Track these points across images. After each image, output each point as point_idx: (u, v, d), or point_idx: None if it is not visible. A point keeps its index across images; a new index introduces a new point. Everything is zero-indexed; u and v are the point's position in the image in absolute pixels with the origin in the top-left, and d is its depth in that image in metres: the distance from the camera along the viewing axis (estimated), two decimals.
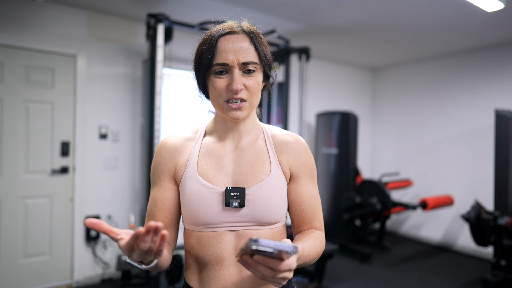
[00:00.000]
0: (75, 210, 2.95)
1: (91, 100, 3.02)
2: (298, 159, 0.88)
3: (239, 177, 0.83)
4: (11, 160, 2.71)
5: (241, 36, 0.80)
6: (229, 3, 2.81)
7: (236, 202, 0.79)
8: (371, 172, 5.21)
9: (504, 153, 3.02)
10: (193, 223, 0.82)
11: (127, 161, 3.20)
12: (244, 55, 0.78)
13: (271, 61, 0.86)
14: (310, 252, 0.78)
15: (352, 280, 3.18)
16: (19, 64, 2.73)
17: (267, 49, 0.85)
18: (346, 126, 4.04)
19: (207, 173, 0.83)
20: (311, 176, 0.90)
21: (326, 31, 3.50)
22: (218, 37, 0.79)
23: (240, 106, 0.80)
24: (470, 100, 4.09)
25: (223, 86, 0.79)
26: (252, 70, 0.80)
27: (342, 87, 4.93)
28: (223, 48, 0.78)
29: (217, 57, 0.78)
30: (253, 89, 0.80)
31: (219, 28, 0.81)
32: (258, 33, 0.83)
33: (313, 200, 0.89)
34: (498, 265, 2.88)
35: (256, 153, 0.86)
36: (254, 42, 0.81)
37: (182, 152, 0.87)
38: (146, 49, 3.14)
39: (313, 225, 0.89)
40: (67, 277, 2.94)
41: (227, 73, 0.79)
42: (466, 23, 3.21)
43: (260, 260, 0.61)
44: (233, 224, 0.81)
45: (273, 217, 0.82)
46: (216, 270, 0.81)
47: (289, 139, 0.89)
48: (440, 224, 4.30)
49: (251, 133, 0.89)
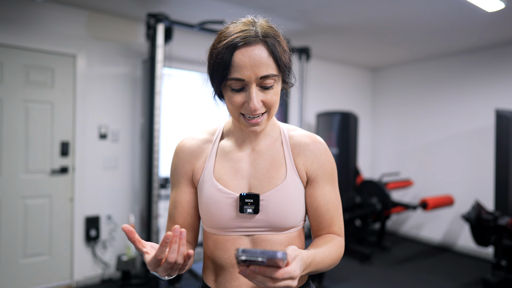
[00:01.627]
0: (74, 210, 2.95)
1: (91, 100, 3.02)
2: (315, 162, 0.85)
3: (254, 182, 0.83)
4: (11, 160, 2.71)
5: (258, 46, 0.73)
6: (229, 3, 2.81)
7: (250, 209, 0.79)
8: (371, 172, 5.21)
9: (504, 153, 3.02)
10: (210, 226, 0.84)
11: (127, 161, 3.20)
12: (262, 69, 0.73)
13: (290, 66, 0.81)
14: (323, 258, 0.75)
15: (352, 280, 3.17)
16: (19, 64, 2.73)
17: (286, 54, 0.78)
18: (346, 126, 4.04)
19: (223, 178, 0.83)
20: (330, 179, 0.87)
21: (326, 31, 3.50)
22: (234, 48, 0.72)
23: (258, 122, 0.78)
24: (470, 100, 4.09)
25: (240, 102, 0.76)
26: (270, 86, 0.76)
27: (342, 87, 4.93)
28: (239, 63, 0.72)
29: (233, 71, 0.73)
30: (272, 102, 0.77)
31: (234, 36, 0.73)
32: (276, 35, 0.76)
33: (331, 204, 0.86)
34: (498, 265, 2.88)
35: (273, 156, 0.85)
36: (273, 51, 0.74)
37: (199, 155, 0.87)
38: (146, 49, 3.14)
39: (331, 230, 0.86)
40: (66, 277, 2.94)
41: (243, 88, 0.75)
42: (466, 23, 3.20)
43: (256, 270, 0.59)
44: (248, 229, 0.81)
45: (288, 223, 0.81)
46: (232, 272, 0.81)
47: (306, 141, 0.86)
48: (441, 224, 4.29)
49: (269, 136, 0.87)
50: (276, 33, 0.77)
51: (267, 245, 0.81)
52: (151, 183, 2.83)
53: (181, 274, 2.73)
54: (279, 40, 0.77)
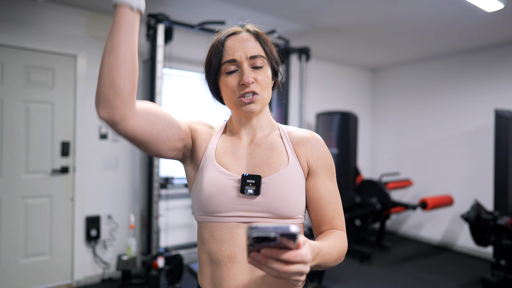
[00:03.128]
0: (75, 210, 2.95)
1: (91, 100, 3.02)
2: (315, 153, 0.86)
3: (254, 168, 0.83)
4: (11, 160, 2.72)
5: (246, 35, 0.85)
6: (229, 3, 2.81)
7: (251, 189, 0.79)
8: (371, 172, 5.21)
9: (504, 153, 3.02)
10: (206, 211, 0.81)
11: (127, 161, 3.21)
12: (251, 50, 0.82)
13: (277, 57, 0.90)
14: (329, 250, 0.75)
15: (352, 280, 3.18)
16: (19, 64, 2.73)
17: (272, 47, 0.89)
18: (346, 126, 4.04)
19: (224, 161, 0.85)
20: (329, 172, 0.88)
21: (326, 31, 3.50)
22: (224, 38, 0.84)
23: (253, 99, 0.82)
24: (470, 100, 4.09)
25: (235, 83, 0.82)
26: (260, 66, 0.83)
27: (342, 87, 4.93)
28: (230, 47, 0.83)
29: (225, 55, 0.83)
30: (263, 82, 0.83)
31: (225, 32, 0.86)
32: (262, 33, 0.88)
33: (332, 197, 0.86)
34: (497, 265, 2.89)
35: (272, 146, 0.87)
36: (259, 40, 0.85)
37: (207, 134, 0.89)
38: (146, 49, 3.14)
39: (333, 225, 0.86)
40: (67, 277, 2.95)
41: (237, 71, 0.83)
42: (466, 23, 3.21)
43: (268, 253, 0.57)
44: (247, 213, 0.79)
45: (290, 210, 0.80)
46: (229, 268, 0.79)
47: (305, 135, 0.89)
48: (440, 224, 4.30)
49: (266, 129, 0.90)
50: (262, 32, 0.88)
51: None
52: (152, 183, 2.84)
53: (181, 274, 2.73)
54: (265, 36, 0.88)
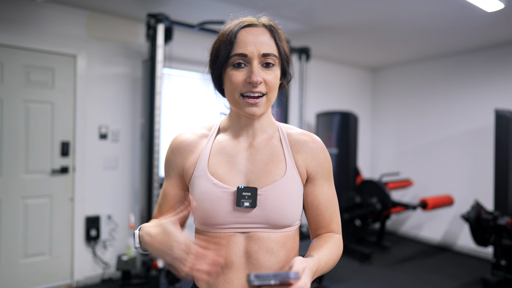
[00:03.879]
0: (75, 210, 2.95)
1: (91, 100, 3.02)
2: (315, 159, 0.85)
3: (251, 176, 0.81)
4: (11, 160, 2.71)
5: (261, 29, 0.79)
6: (229, 3, 2.81)
7: (248, 202, 0.77)
8: (371, 172, 5.21)
9: (504, 153, 3.02)
10: (203, 223, 0.81)
11: (127, 161, 3.20)
12: (264, 47, 0.77)
13: (289, 57, 0.84)
14: (327, 261, 0.77)
15: (352, 280, 3.18)
16: (19, 64, 2.73)
17: (286, 45, 0.83)
18: (346, 126, 4.04)
19: (218, 172, 0.81)
20: (328, 177, 0.87)
21: (326, 31, 3.50)
22: (238, 29, 0.78)
23: (257, 102, 0.78)
24: (470, 100, 4.09)
25: (241, 79, 0.77)
26: (272, 64, 0.78)
27: (342, 87, 4.93)
28: (243, 39, 0.77)
29: (236, 48, 0.77)
30: (271, 83, 0.78)
31: (238, 21, 0.80)
32: (277, 28, 0.82)
33: (330, 202, 0.87)
34: (498, 265, 2.88)
35: (271, 152, 0.84)
36: (274, 36, 0.80)
37: (193, 150, 0.85)
38: (146, 49, 3.14)
39: (330, 228, 0.87)
40: (67, 277, 2.94)
41: (245, 66, 0.77)
42: (466, 23, 3.20)
43: None
44: (244, 225, 0.78)
45: (286, 220, 0.80)
46: (225, 273, 0.78)
47: (305, 138, 0.86)
48: (440, 224, 4.30)
49: (266, 131, 0.86)
50: (277, 27, 0.83)
51: (262, 243, 0.79)
52: (151, 183, 2.84)
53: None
54: (280, 32, 0.82)
